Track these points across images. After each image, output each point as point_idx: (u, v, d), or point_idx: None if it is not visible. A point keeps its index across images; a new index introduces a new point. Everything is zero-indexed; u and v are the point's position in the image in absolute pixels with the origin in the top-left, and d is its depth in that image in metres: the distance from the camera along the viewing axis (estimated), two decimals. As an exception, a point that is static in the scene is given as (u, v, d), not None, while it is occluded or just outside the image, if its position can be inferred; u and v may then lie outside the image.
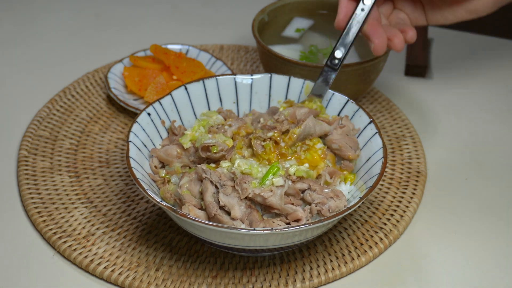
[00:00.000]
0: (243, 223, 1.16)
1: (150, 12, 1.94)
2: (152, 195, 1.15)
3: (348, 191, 1.26)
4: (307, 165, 1.25)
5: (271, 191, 1.16)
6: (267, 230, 1.10)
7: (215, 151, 1.22)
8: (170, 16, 1.92)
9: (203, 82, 1.37)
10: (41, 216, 1.31)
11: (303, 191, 1.20)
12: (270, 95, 1.39)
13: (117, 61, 1.63)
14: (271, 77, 1.38)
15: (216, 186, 1.18)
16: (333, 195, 1.20)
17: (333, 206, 1.19)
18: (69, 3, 1.96)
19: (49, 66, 1.72)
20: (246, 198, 1.17)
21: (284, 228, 1.10)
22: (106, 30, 1.86)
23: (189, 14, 1.93)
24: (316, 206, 1.18)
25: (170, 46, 1.65)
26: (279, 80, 1.38)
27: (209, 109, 1.38)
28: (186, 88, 1.36)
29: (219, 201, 1.17)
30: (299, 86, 1.37)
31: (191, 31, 1.86)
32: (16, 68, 1.71)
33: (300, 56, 1.53)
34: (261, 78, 1.38)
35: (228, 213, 1.17)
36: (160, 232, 1.30)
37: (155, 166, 1.28)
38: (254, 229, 1.10)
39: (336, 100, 1.35)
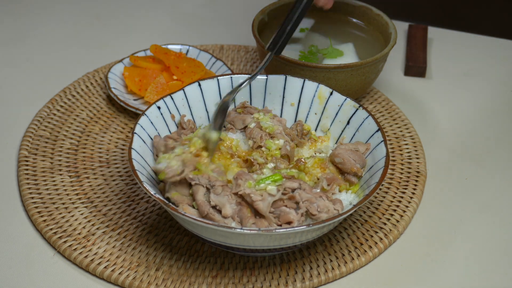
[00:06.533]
0: (234, 220, 1.16)
1: (150, 12, 1.94)
2: (148, 187, 1.14)
3: (350, 202, 1.24)
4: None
5: (262, 195, 1.16)
6: (254, 230, 1.09)
7: (162, 177, 1.21)
8: (170, 16, 1.92)
9: (217, 80, 1.37)
10: (42, 216, 1.31)
11: (293, 190, 1.19)
12: (283, 97, 1.39)
13: (117, 61, 1.63)
14: (286, 78, 1.38)
15: (207, 188, 1.18)
16: (323, 194, 1.19)
17: (322, 206, 1.17)
18: (69, 3, 1.96)
19: (49, 66, 1.72)
20: (236, 194, 1.17)
21: (272, 229, 1.10)
22: (106, 30, 1.86)
23: (189, 14, 1.93)
24: (303, 203, 1.17)
25: (170, 46, 1.65)
26: (294, 82, 1.37)
27: None
28: (199, 85, 1.36)
29: (210, 201, 1.17)
30: (313, 89, 1.37)
31: (191, 31, 1.86)
32: (16, 68, 1.71)
33: (300, 56, 1.53)
34: (275, 78, 1.38)
35: (220, 212, 1.17)
36: (160, 232, 1.30)
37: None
38: (241, 228, 1.10)
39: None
